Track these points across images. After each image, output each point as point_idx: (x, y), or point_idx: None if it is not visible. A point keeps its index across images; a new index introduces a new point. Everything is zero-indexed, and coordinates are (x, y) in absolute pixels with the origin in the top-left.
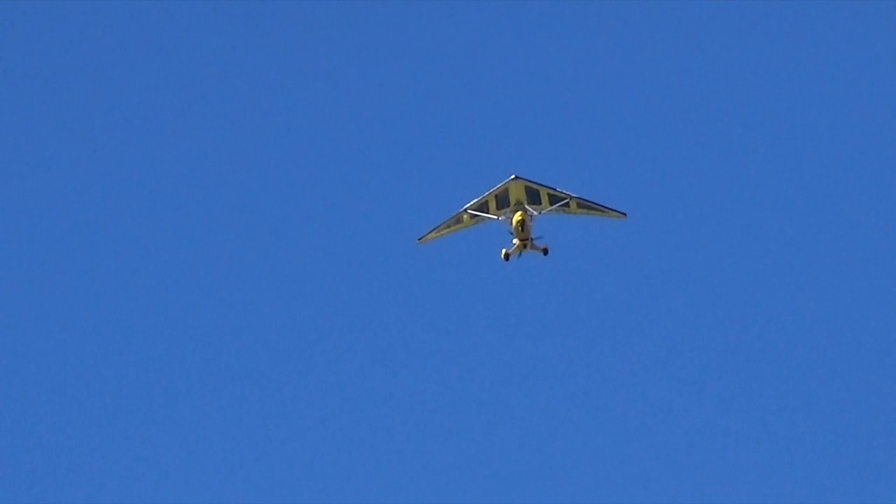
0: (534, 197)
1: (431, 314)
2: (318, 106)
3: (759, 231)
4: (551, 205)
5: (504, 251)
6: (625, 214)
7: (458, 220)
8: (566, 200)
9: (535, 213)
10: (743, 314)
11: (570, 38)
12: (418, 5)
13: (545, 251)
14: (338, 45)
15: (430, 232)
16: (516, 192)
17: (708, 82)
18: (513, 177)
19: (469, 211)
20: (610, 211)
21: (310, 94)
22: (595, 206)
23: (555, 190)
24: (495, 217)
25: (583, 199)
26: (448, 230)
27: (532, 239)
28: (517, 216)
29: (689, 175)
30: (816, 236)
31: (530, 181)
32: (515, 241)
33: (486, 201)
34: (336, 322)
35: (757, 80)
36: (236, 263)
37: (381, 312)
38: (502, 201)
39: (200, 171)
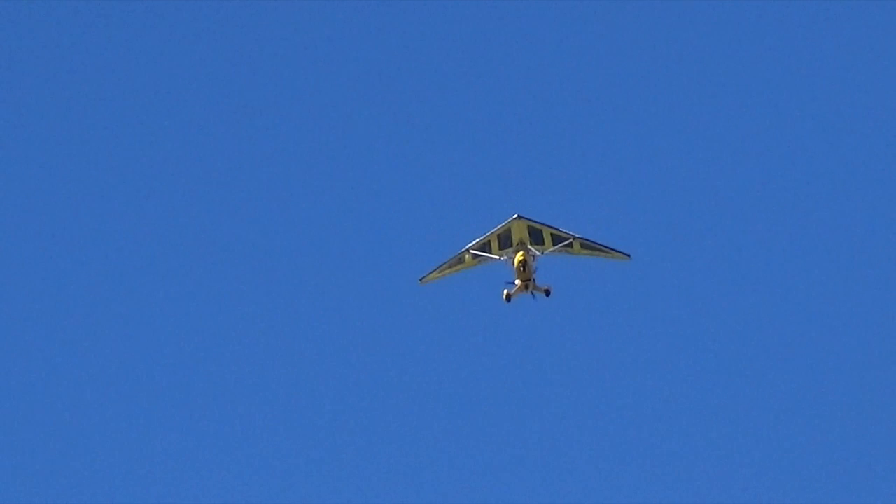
0: (537, 237)
1: (433, 356)
2: (320, 144)
3: (766, 274)
4: (554, 245)
5: (506, 292)
6: (629, 256)
7: (461, 260)
8: (570, 241)
9: (537, 253)
10: (748, 357)
11: (576, 79)
12: (423, 41)
13: (547, 292)
14: (340, 79)
15: (432, 272)
16: (519, 232)
17: (714, 125)
18: (515, 216)
19: (471, 251)
20: (614, 252)
21: (313, 131)
22: (599, 246)
23: (558, 230)
24: (497, 257)
25: (587, 240)
26: (450, 270)
27: (534, 279)
28: (519, 256)
29: (694, 217)
30: (824, 278)
31: (533, 221)
32: (517, 281)
33: (489, 241)
34: (337, 363)
35: (765, 122)
36: (236, 304)
37: (382, 354)
38: (505, 241)
39: (193, 222)
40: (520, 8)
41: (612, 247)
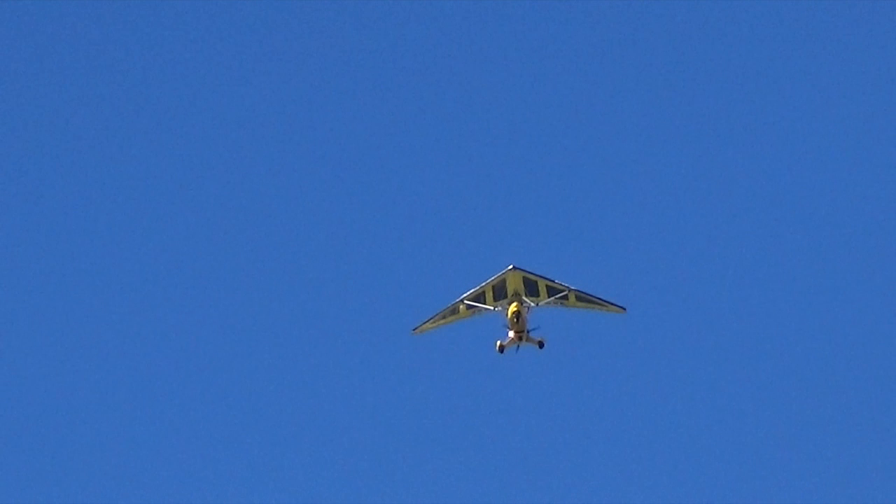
0: (532, 288)
1: (425, 407)
2: (318, 186)
3: (763, 327)
4: (549, 297)
5: (499, 343)
6: (624, 309)
7: (455, 310)
8: (565, 293)
9: (532, 304)
10: (745, 411)
11: (573, 128)
12: (417, 79)
13: (541, 344)
14: (337, 131)
15: (426, 322)
16: (514, 283)
17: (708, 177)
18: (511, 267)
19: (466, 301)
20: (609, 305)
21: (310, 172)
22: (594, 299)
23: (553, 282)
24: (492, 308)
25: (582, 292)
26: (444, 321)
27: (528, 331)
28: (512, 307)
29: (690, 269)
30: (823, 331)
31: (528, 272)
32: (511, 332)
33: (483, 292)
34: (330, 414)
35: (758, 176)
36: (227, 362)
37: (374, 405)
38: (499, 292)
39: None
40: (511, 40)
41: (608, 299)
